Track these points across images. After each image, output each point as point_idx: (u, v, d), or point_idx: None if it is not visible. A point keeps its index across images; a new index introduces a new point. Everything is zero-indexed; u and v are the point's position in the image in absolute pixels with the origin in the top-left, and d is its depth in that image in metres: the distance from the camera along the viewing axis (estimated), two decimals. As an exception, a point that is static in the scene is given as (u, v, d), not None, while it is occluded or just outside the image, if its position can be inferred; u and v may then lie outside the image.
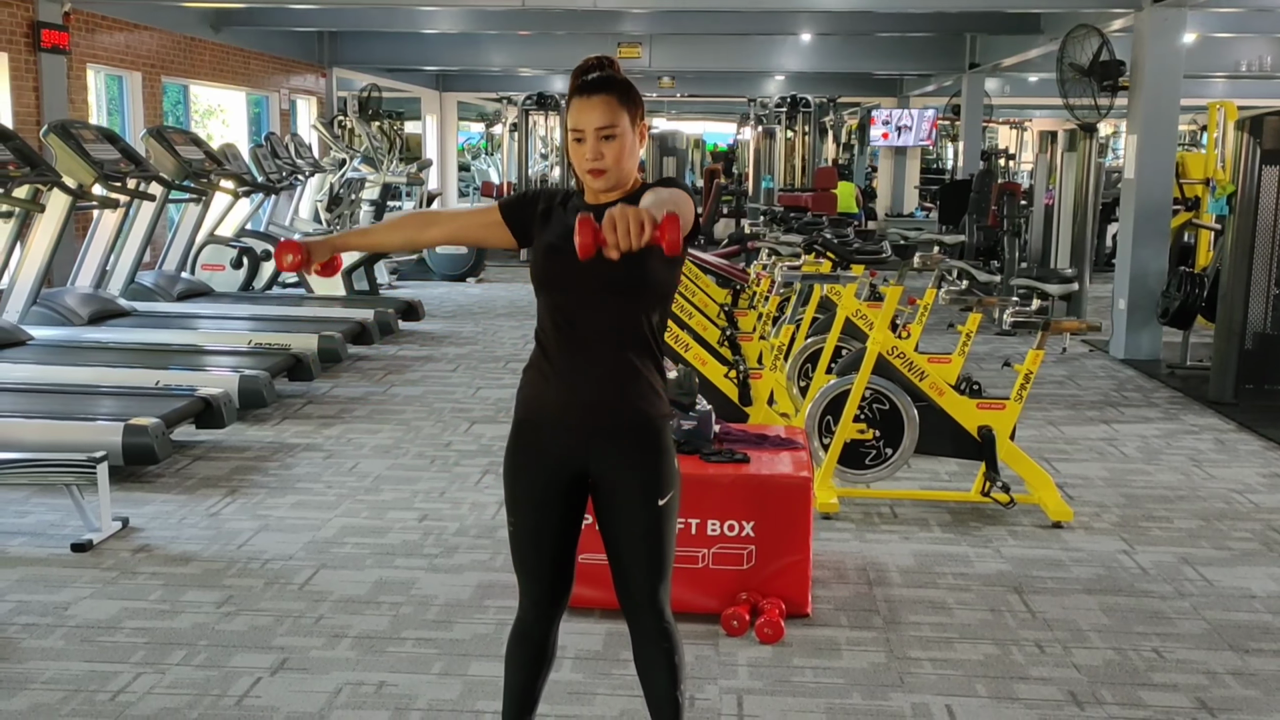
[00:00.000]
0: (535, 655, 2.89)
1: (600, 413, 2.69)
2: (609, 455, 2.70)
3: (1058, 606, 4.34)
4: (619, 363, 2.68)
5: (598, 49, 16.49)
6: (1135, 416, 7.52)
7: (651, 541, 2.74)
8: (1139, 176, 9.35)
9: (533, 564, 2.82)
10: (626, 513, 2.73)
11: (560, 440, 2.72)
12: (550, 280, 2.70)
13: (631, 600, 2.80)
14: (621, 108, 2.64)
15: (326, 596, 4.32)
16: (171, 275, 10.32)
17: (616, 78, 2.70)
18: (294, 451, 6.32)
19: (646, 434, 2.71)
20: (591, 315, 2.66)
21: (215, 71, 13.22)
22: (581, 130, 2.62)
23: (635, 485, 2.71)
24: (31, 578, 4.46)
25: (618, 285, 2.64)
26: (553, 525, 2.78)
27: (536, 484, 2.76)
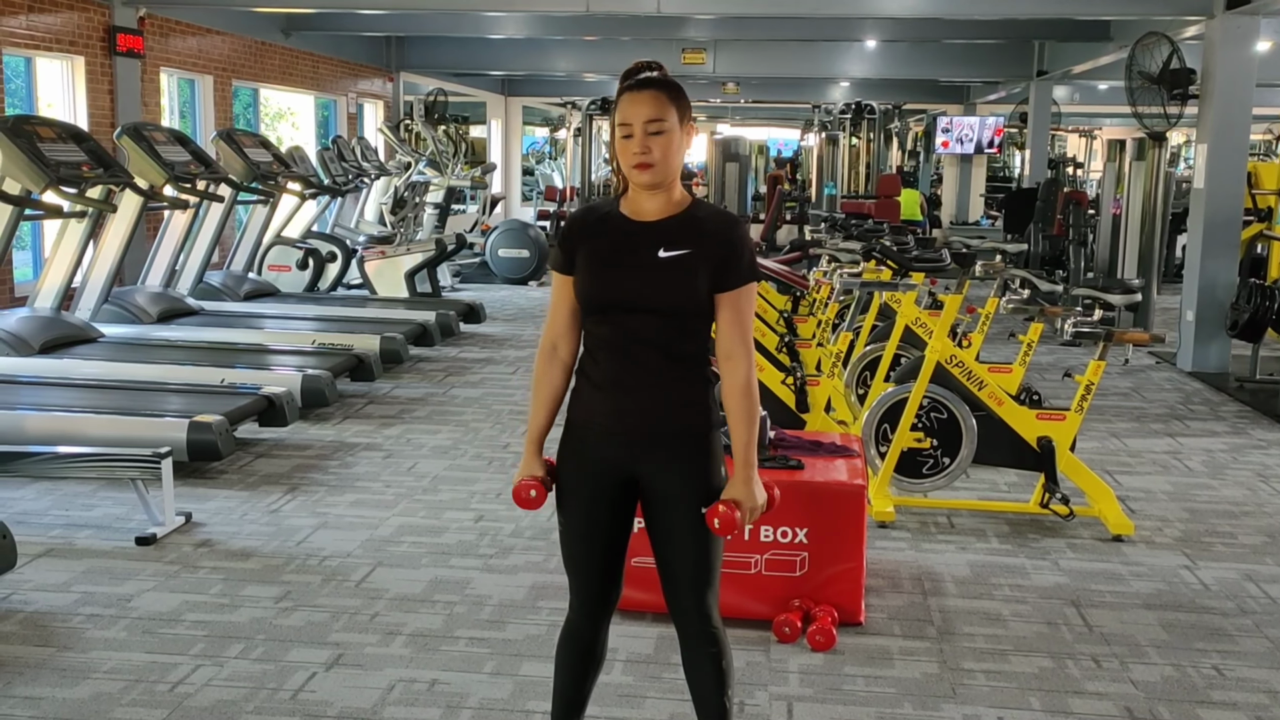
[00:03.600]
0: (584, 656, 2.91)
1: (647, 422, 2.70)
2: (656, 463, 2.72)
3: (1116, 621, 4.28)
4: (665, 373, 2.69)
5: (662, 54, 16.58)
6: (1201, 430, 7.39)
7: (698, 549, 2.74)
8: (1209, 186, 9.18)
9: (582, 565, 2.84)
10: (673, 520, 2.74)
11: (608, 447, 2.74)
12: (596, 299, 2.70)
13: (679, 605, 2.81)
14: (670, 104, 2.66)
15: (382, 594, 4.37)
16: (239, 275, 10.50)
17: (667, 78, 2.72)
18: (354, 451, 6.40)
19: (693, 443, 2.72)
20: (638, 331, 2.67)
21: (285, 75, 13.43)
22: (630, 124, 2.64)
23: (682, 493, 2.72)
24: (97, 570, 4.56)
25: (663, 305, 2.66)
26: (601, 528, 2.80)
27: (585, 488, 2.78)
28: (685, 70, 16.33)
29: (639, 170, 2.65)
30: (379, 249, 11.30)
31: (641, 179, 2.66)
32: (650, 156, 2.64)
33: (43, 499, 5.43)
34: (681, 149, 2.72)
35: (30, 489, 5.55)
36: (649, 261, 2.67)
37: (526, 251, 14.07)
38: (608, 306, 2.70)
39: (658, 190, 2.70)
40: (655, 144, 2.64)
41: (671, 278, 2.66)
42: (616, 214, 2.76)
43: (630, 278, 2.67)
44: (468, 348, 9.67)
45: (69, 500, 5.41)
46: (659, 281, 2.67)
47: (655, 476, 2.73)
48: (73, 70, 9.59)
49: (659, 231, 2.70)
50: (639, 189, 2.71)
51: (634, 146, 2.64)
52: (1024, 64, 15.62)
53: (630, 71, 2.75)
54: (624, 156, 2.67)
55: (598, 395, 2.74)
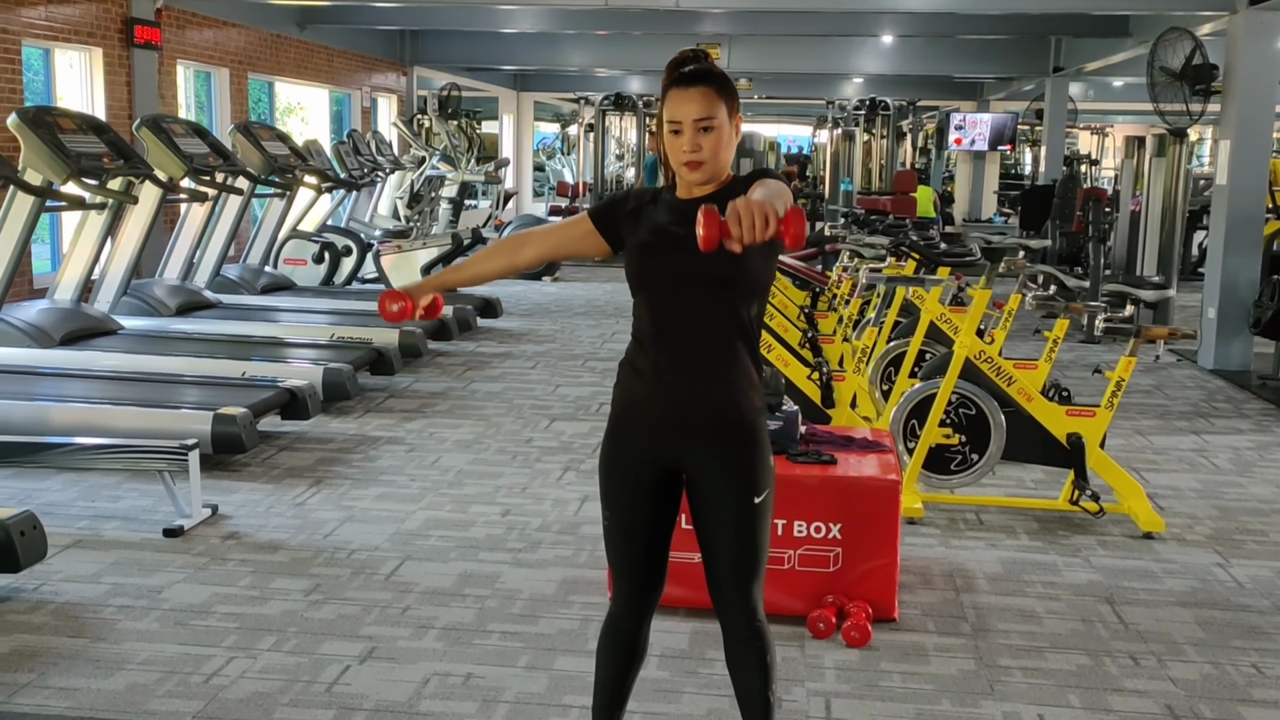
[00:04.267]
0: (626, 649, 2.89)
1: (695, 408, 2.68)
2: (703, 451, 2.69)
3: (1151, 618, 4.25)
4: (716, 357, 2.67)
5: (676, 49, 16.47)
6: (1226, 428, 7.35)
7: (745, 541, 2.72)
8: (1232, 183, 9.13)
9: (625, 558, 2.82)
10: (720, 511, 2.71)
11: (654, 436, 2.71)
12: (647, 279, 2.69)
13: (723, 599, 2.78)
14: (719, 99, 2.63)
15: (412, 588, 4.35)
16: (255, 269, 10.49)
17: (714, 70, 2.69)
18: (377, 444, 6.38)
19: (742, 430, 2.70)
20: (688, 311, 2.65)
21: (300, 69, 13.41)
22: (679, 121, 2.61)
23: (729, 483, 2.69)
24: (126, 561, 4.55)
25: (715, 280, 2.63)
26: (645, 520, 2.78)
27: (630, 479, 2.76)
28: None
29: (689, 168, 2.63)
30: (395, 243, 11.28)
31: (692, 177, 2.64)
32: (700, 154, 2.62)
33: (68, 490, 5.42)
34: (731, 142, 2.69)
35: (55, 480, 5.54)
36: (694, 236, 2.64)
37: (541, 247, 13.99)
38: (657, 283, 2.67)
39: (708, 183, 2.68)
40: (705, 141, 2.61)
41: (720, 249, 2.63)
42: (668, 194, 2.74)
43: (684, 253, 2.64)
44: (485, 342, 9.65)
45: (95, 492, 5.40)
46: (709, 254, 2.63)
47: (702, 466, 2.70)
48: (90, 62, 9.58)
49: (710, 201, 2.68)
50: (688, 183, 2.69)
51: (684, 144, 2.62)
52: (1040, 60, 15.57)
53: (676, 62, 2.72)
54: (673, 153, 2.65)
55: (643, 383, 2.72)
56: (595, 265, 16.13)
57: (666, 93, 2.67)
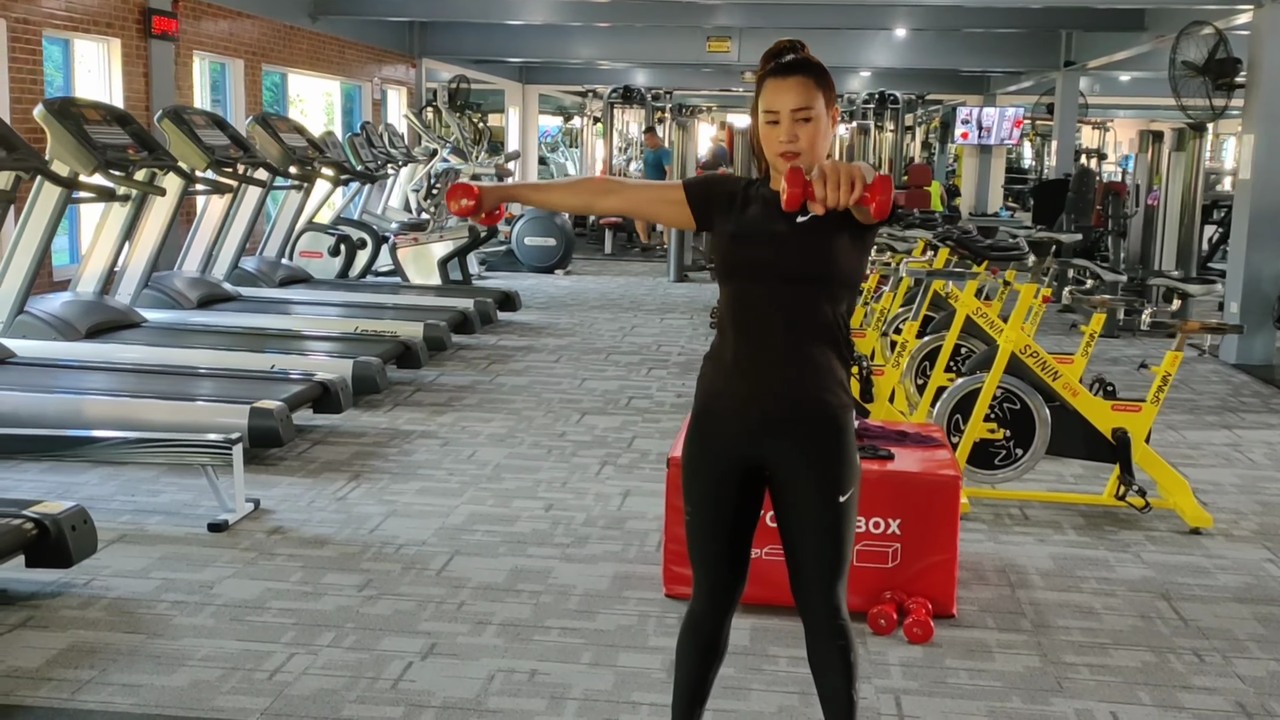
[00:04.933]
0: (707, 646, 2.86)
1: (781, 403, 2.65)
2: (788, 448, 2.66)
3: (1209, 615, 4.22)
4: (803, 353, 2.63)
5: (686, 42, 16.51)
6: (1256, 423, 7.34)
7: (830, 538, 2.69)
8: (1256, 178, 9.11)
9: (708, 554, 2.79)
10: (805, 508, 2.68)
11: (738, 431, 2.68)
12: (736, 269, 2.66)
13: (807, 598, 2.74)
14: (817, 89, 2.60)
15: (465, 583, 4.32)
16: (273, 261, 10.43)
17: (812, 60, 2.65)
18: (410, 438, 6.34)
19: (828, 427, 2.66)
20: (777, 305, 2.62)
21: (312, 60, 13.34)
22: (776, 112, 2.58)
23: (815, 480, 2.66)
24: (173, 556, 4.51)
25: (806, 275, 2.61)
26: (728, 516, 2.75)
27: (713, 474, 2.73)
28: (709, 58, 16.25)
29: (785, 159, 2.59)
30: (412, 236, 11.23)
31: (787, 169, 2.60)
32: (797, 145, 2.58)
33: (106, 484, 5.37)
34: (828, 135, 2.66)
35: (92, 474, 5.49)
36: (792, 229, 2.62)
37: (553, 240, 13.98)
38: (746, 275, 2.64)
39: None
40: (803, 132, 2.58)
41: (811, 241, 2.60)
42: (761, 185, 2.70)
43: (776, 246, 2.61)
44: (506, 335, 9.61)
45: (134, 486, 5.35)
46: (804, 247, 2.60)
47: (786, 463, 2.67)
48: (108, 53, 9.51)
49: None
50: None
51: (781, 135, 2.58)
52: (1051, 54, 15.53)
53: (773, 52, 2.69)
54: (769, 144, 2.62)
55: (727, 376, 2.69)
56: (605, 259, 16.09)
57: (762, 83, 2.64)
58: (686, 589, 4.13)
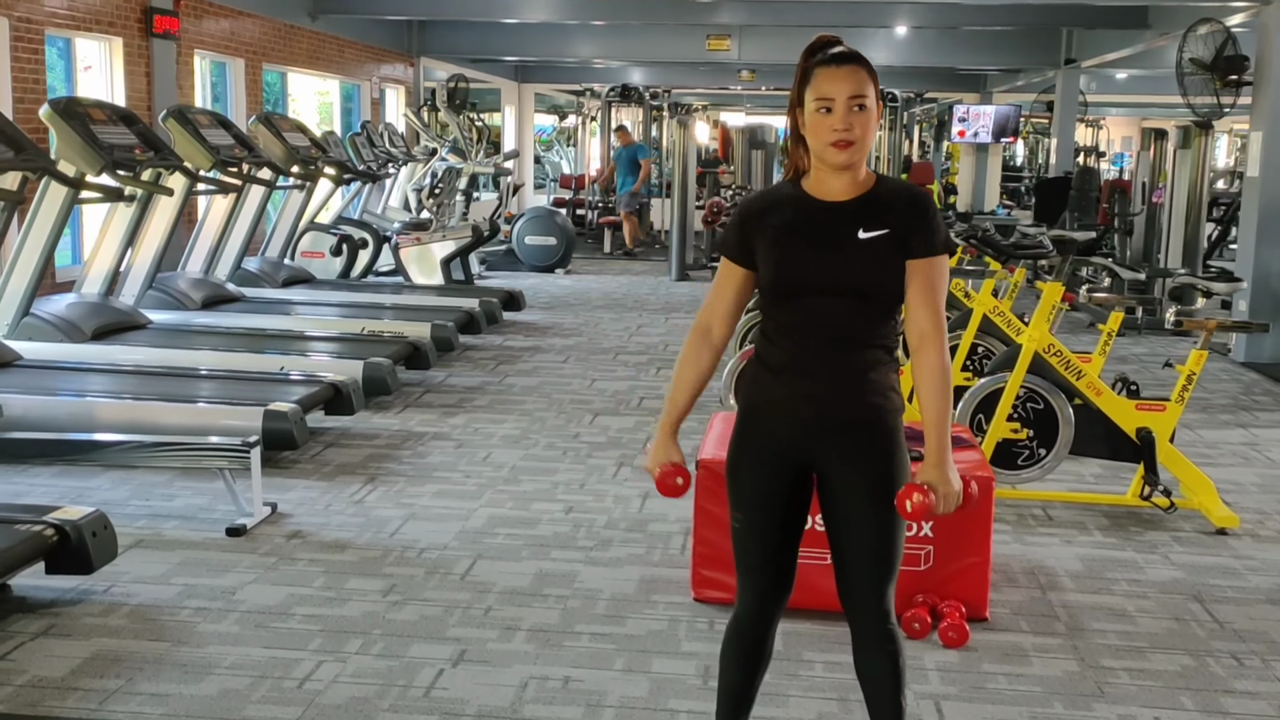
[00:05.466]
0: (753, 653, 2.83)
1: (836, 407, 2.61)
2: (839, 451, 2.63)
3: (1244, 617, 4.18)
4: (857, 359, 2.61)
5: (686, 40, 16.45)
6: (1271, 421, 7.31)
7: (881, 542, 2.66)
8: (1265, 175, 9.08)
9: (756, 559, 2.75)
10: (856, 512, 2.65)
11: (787, 435, 2.64)
12: (783, 281, 2.60)
13: (857, 602, 2.71)
14: (869, 80, 2.57)
15: (490, 588, 4.26)
16: (275, 261, 10.35)
17: (860, 54, 2.62)
18: (423, 440, 6.27)
19: (882, 429, 2.64)
20: (827, 314, 2.58)
21: (312, 59, 13.26)
22: (831, 99, 2.52)
23: (866, 483, 2.64)
24: (192, 561, 4.44)
25: (854, 289, 2.57)
26: (778, 521, 2.71)
27: (763, 479, 2.69)
28: (709, 57, 16.19)
29: (838, 149, 2.54)
30: (414, 235, 11.16)
31: (839, 158, 2.55)
32: (852, 134, 2.54)
33: (119, 489, 5.30)
34: (875, 130, 2.63)
35: (104, 478, 5.42)
36: (849, 243, 2.58)
37: (554, 239, 13.93)
38: (803, 290, 2.60)
39: (846, 170, 2.60)
40: (857, 120, 2.54)
41: (873, 259, 2.57)
42: (801, 194, 2.64)
43: (830, 260, 2.57)
44: (512, 336, 9.54)
45: (147, 490, 5.28)
46: (860, 263, 2.57)
47: (838, 465, 2.64)
48: (110, 51, 9.42)
49: (854, 211, 2.60)
50: (828, 169, 2.60)
51: (835, 122, 2.53)
52: (1052, 52, 15.50)
53: (816, 46, 2.64)
54: (820, 133, 2.56)
55: (778, 381, 2.64)
56: (604, 258, 16.03)
57: (811, 73, 2.58)
58: (716, 593, 4.13)
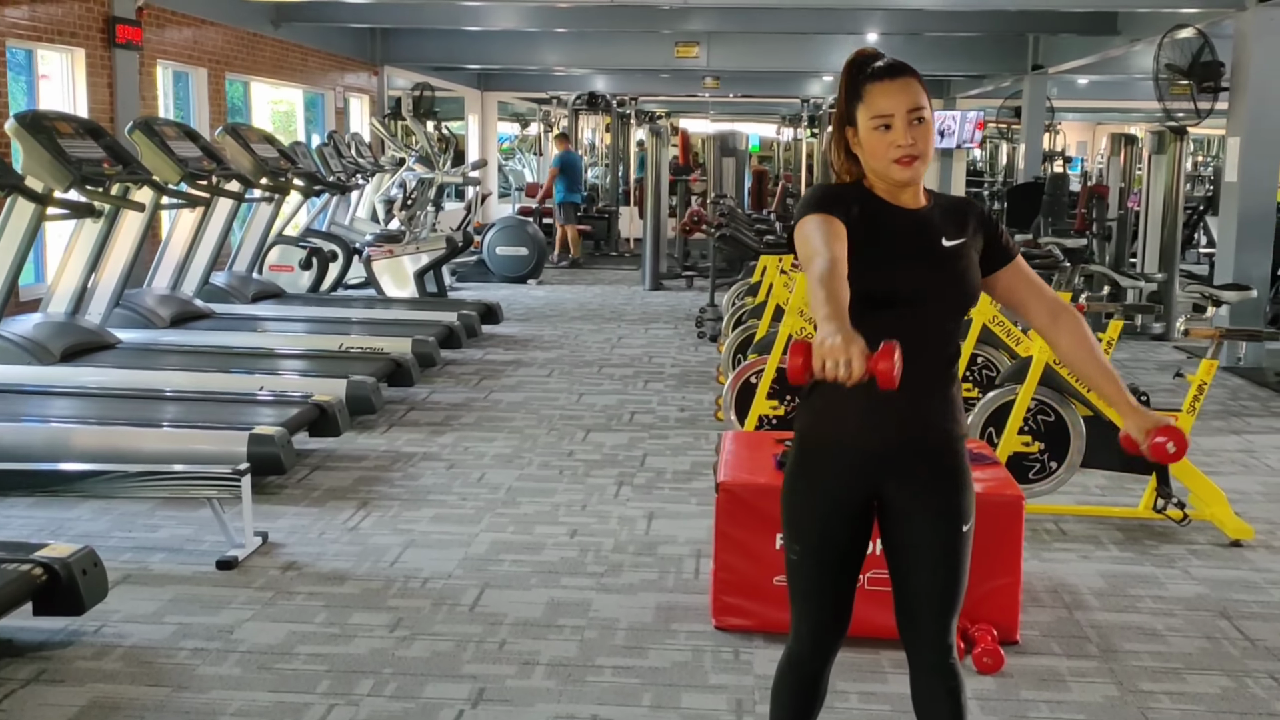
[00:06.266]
0: (809, 690, 2.68)
1: (908, 433, 2.48)
2: (911, 478, 2.49)
3: (1275, 634, 4.09)
4: (932, 379, 2.48)
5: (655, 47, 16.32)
6: (1263, 427, 7.27)
7: (949, 572, 2.53)
8: (1243, 181, 9.09)
9: (816, 593, 2.61)
10: (926, 540, 2.52)
11: (860, 462, 2.50)
12: (865, 290, 2.41)
13: (920, 634, 2.57)
14: (923, 89, 2.45)
15: (501, 619, 4.08)
16: (243, 276, 10.10)
17: (908, 64, 2.49)
18: (413, 461, 6.08)
19: (952, 455, 2.52)
20: (913, 329, 2.42)
21: (276, 68, 13.01)
22: (891, 115, 2.40)
23: (939, 510, 2.51)
24: (184, 597, 4.23)
25: (949, 299, 2.47)
26: (841, 553, 2.57)
27: (827, 509, 2.55)
28: (676, 64, 16.08)
29: (902, 165, 2.41)
30: (386, 248, 10.94)
31: (905, 175, 2.42)
32: (916, 148, 2.41)
33: (100, 520, 5.07)
34: (934, 140, 2.50)
35: (83, 509, 5.18)
36: (935, 251, 2.45)
37: (525, 249, 13.74)
38: (888, 299, 2.42)
39: (909, 185, 2.47)
40: (919, 134, 2.41)
41: (961, 267, 2.48)
42: (877, 198, 2.49)
43: (920, 268, 2.44)
44: (492, 349, 9.35)
45: (129, 521, 5.05)
46: (951, 271, 2.46)
47: (908, 492, 2.50)
48: (73, 62, 9.15)
49: (932, 219, 2.49)
50: (889, 184, 2.47)
51: (898, 138, 2.40)
52: (1019, 58, 15.53)
53: (860, 61, 2.50)
54: (880, 151, 2.42)
55: (848, 405, 2.47)
56: (577, 268, 15.85)
57: (862, 90, 2.45)
58: (739, 620, 3.99)
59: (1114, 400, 2.50)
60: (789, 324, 5.85)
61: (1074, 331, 2.53)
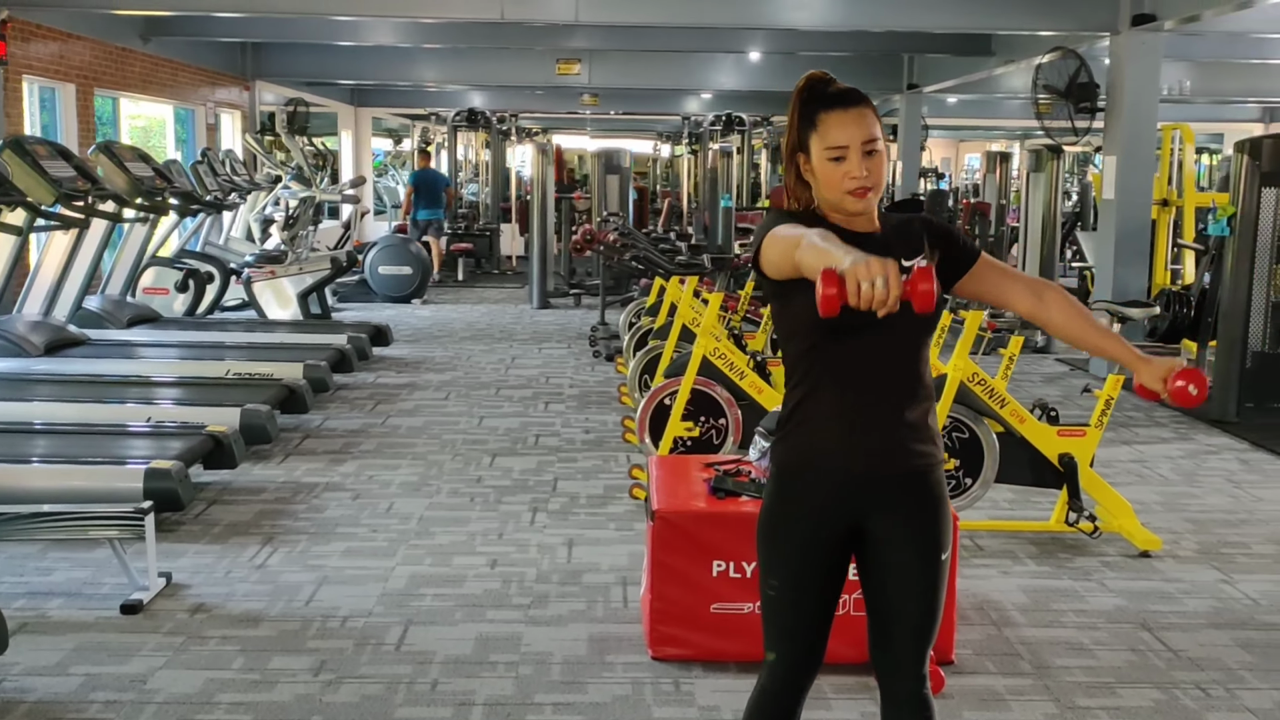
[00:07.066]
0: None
1: (888, 460, 2.47)
2: (892, 506, 2.48)
3: (1194, 644, 4.19)
4: (906, 405, 2.46)
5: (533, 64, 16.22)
6: (1150, 437, 7.50)
7: (928, 600, 2.53)
8: (1120, 198, 9.40)
9: (794, 626, 2.57)
10: (905, 568, 2.51)
11: (839, 490, 2.48)
12: (844, 321, 2.37)
13: (894, 665, 2.57)
14: (876, 119, 2.44)
15: (430, 658, 3.94)
16: (118, 300, 9.68)
17: (862, 92, 2.47)
18: (316, 492, 5.87)
19: (931, 482, 2.51)
20: (882, 355, 2.43)
21: (145, 84, 12.53)
22: (845, 146, 2.38)
23: (918, 538, 2.50)
24: (90, 646, 3.98)
25: (916, 323, 2.41)
26: (819, 585, 2.55)
27: (805, 538, 2.52)
28: (558, 81, 16.00)
29: (856, 196, 2.40)
30: (268, 269, 10.61)
31: (858, 205, 2.41)
32: (870, 180, 2.40)
33: (-15, 564, 4.76)
34: (887, 168, 2.50)
35: (-35, 552, 4.86)
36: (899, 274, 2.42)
37: (409, 268, 13.48)
38: (854, 327, 2.38)
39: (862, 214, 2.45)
40: (871, 165, 2.40)
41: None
42: (832, 225, 2.46)
43: None
44: (384, 373, 9.12)
45: (19, 564, 4.75)
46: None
47: (887, 522, 2.49)
48: (-68, 77, 8.67)
49: (886, 242, 2.45)
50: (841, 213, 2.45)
51: (851, 170, 2.39)
52: (894, 78, 15.84)
53: (812, 86, 2.47)
54: (834, 182, 2.41)
55: (825, 434, 2.46)
56: (457, 286, 15.63)
57: (816, 117, 2.43)
58: (676, 650, 3.92)
59: (1122, 356, 2.53)
60: (702, 345, 5.82)
61: (1063, 307, 2.55)
